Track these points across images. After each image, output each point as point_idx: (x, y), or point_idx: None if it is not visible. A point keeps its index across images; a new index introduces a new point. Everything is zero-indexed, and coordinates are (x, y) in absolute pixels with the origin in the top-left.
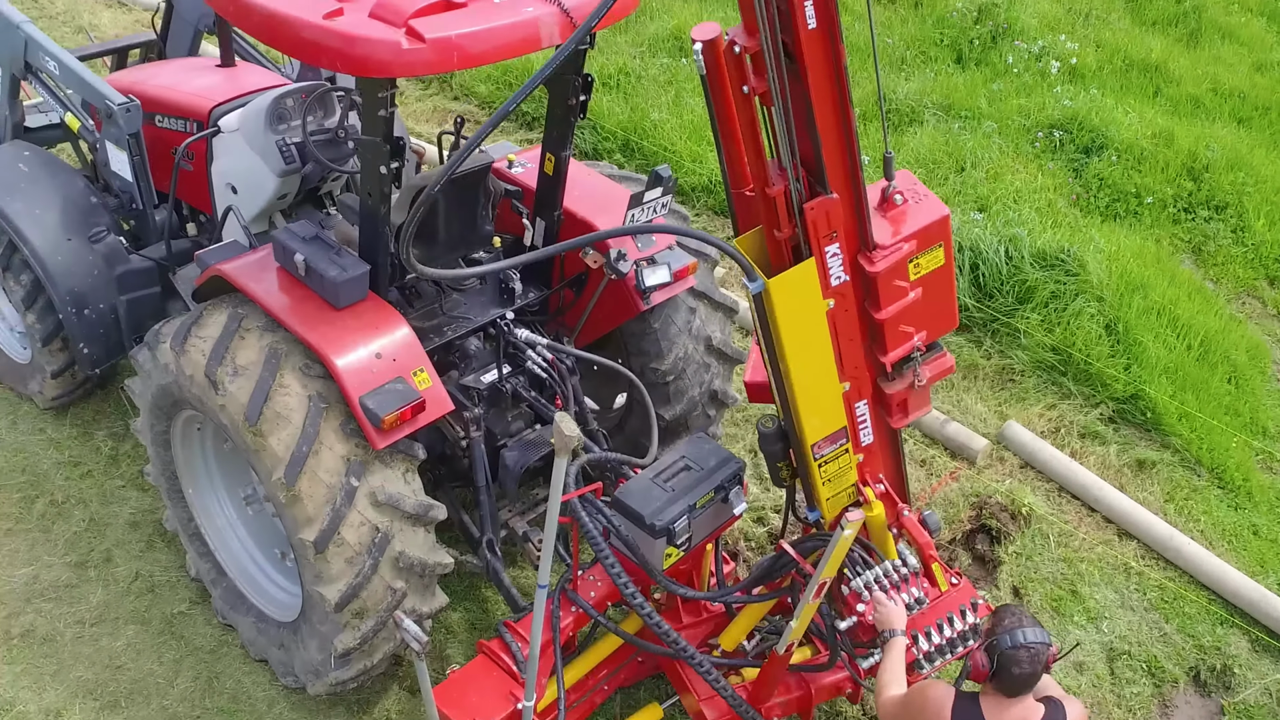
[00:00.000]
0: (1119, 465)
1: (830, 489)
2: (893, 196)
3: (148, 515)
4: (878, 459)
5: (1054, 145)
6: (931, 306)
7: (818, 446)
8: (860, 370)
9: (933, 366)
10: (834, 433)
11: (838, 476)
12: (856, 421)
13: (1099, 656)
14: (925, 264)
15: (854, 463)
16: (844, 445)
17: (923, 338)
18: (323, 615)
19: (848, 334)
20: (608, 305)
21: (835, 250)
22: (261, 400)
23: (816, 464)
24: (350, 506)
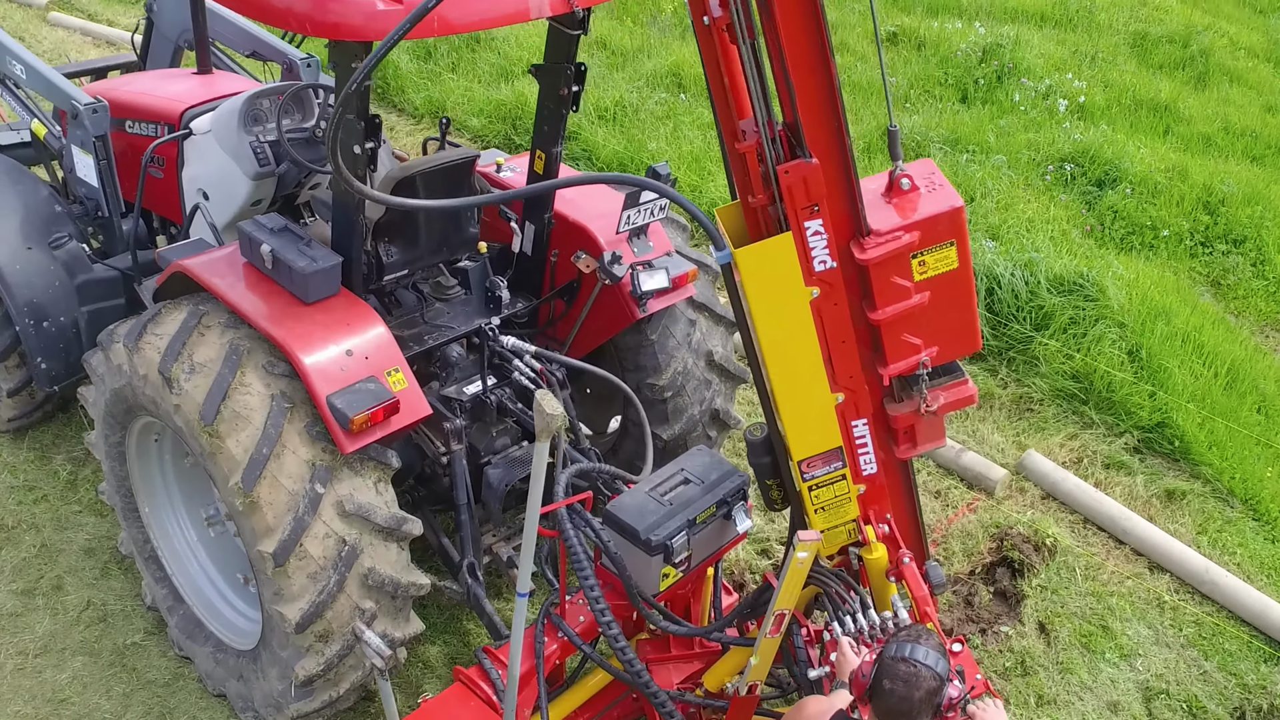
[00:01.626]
0: (1147, 496)
1: (825, 520)
2: (899, 180)
3: (104, 541)
4: (884, 495)
5: (1065, 178)
6: (943, 318)
7: (807, 466)
8: (857, 382)
9: (949, 393)
10: (826, 452)
11: (834, 507)
12: (855, 443)
13: (1134, 696)
14: (933, 264)
15: (853, 494)
16: (840, 470)
17: (932, 354)
18: (283, 639)
19: (838, 334)
20: (601, 314)
21: (818, 228)
22: (219, 398)
23: (807, 486)
24: (314, 516)
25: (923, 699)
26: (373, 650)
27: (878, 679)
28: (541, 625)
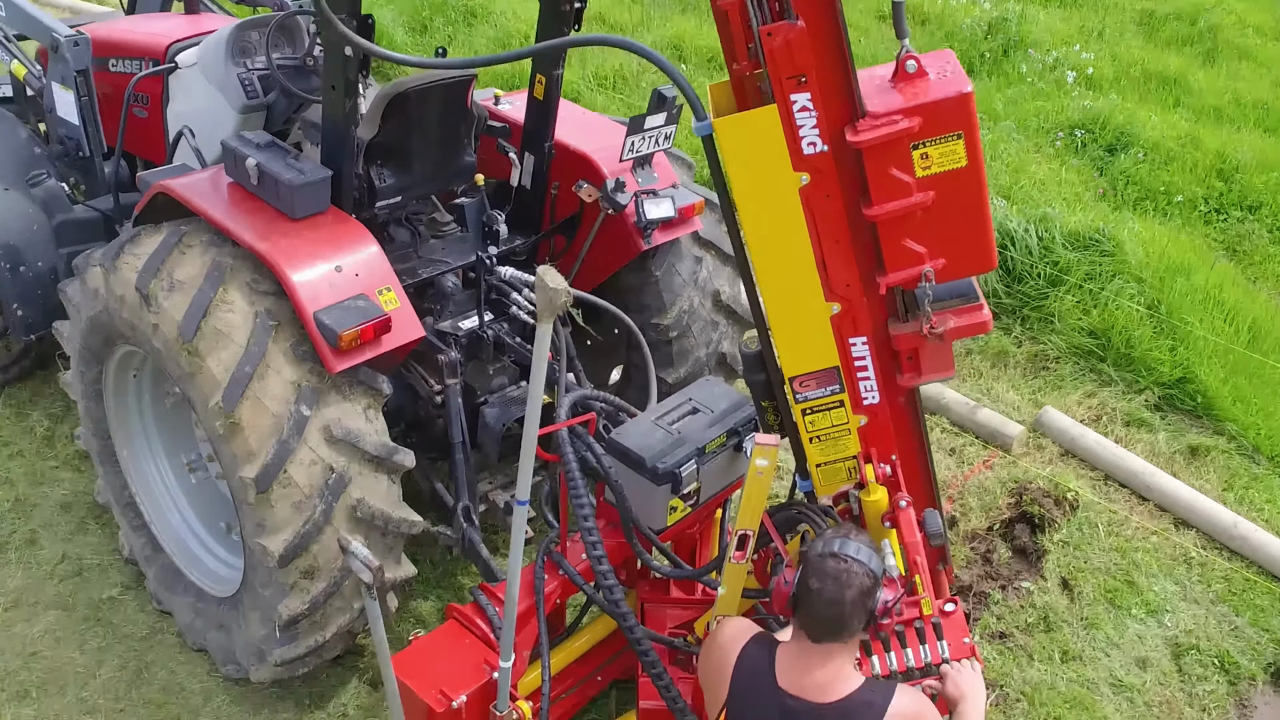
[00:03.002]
0: (1169, 453)
1: (822, 452)
2: (904, 62)
3: (81, 497)
4: (887, 431)
5: (1076, 145)
6: (950, 225)
7: (800, 385)
8: (854, 293)
9: (960, 317)
10: (820, 372)
11: (831, 439)
12: (854, 365)
13: (1163, 652)
14: (937, 158)
15: (853, 426)
16: (837, 395)
17: (938, 267)
18: (266, 576)
19: (832, 232)
20: (604, 246)
21: (806, 104)
22: (199, 315)
23: (800, 410)
24: (300, 440)
25: (854, 600)
26: (360, 562)
27: (803, 581)
28: (541, 563)
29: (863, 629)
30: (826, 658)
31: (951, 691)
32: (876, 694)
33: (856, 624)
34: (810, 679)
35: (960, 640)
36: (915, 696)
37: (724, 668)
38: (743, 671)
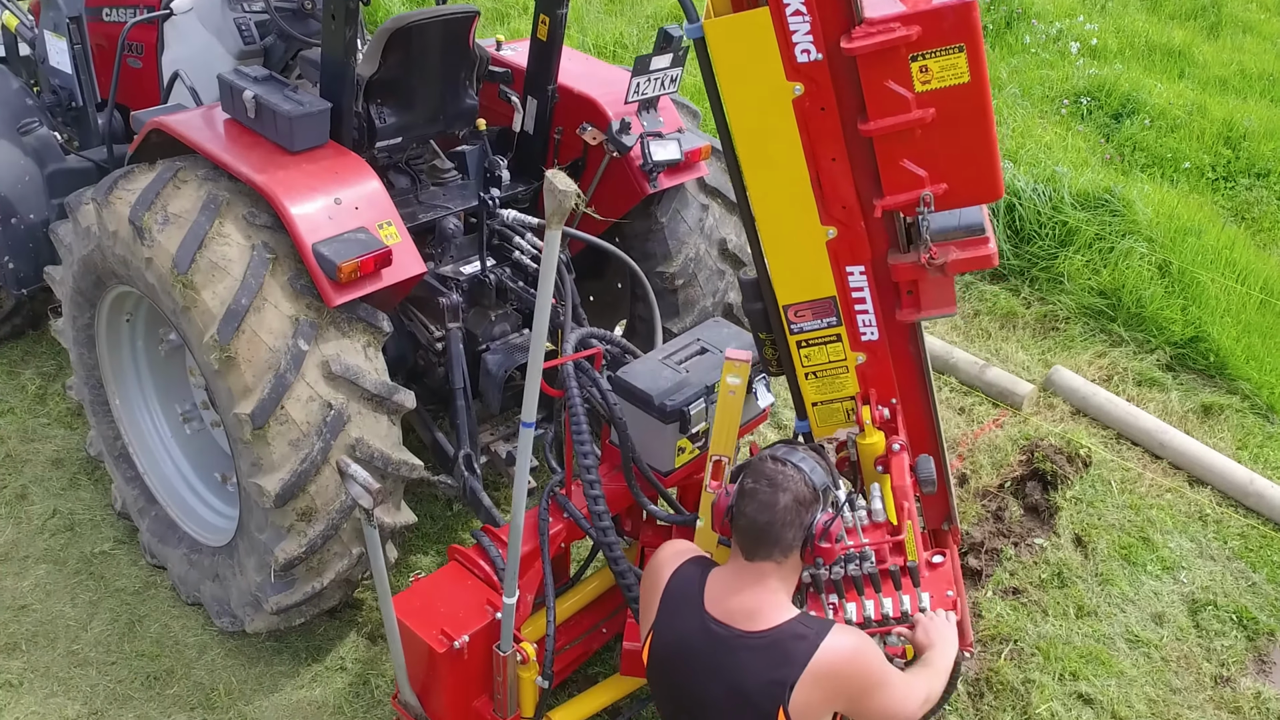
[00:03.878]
0: (1182, 411)
1: (818, 390)
2: None
3: (73, 453)
4: (887, 372)
5: (1082, 112)
6: (952, 147)
7: (795, 315)
8: (851, 216)
9: (964, 249)
10: (816, 301)
11: (828, 376)
12: (851, 296)
13: (1180, 608)
14: (938, 72)
15: (851, 364)
16: (834, 329)
17: (939, 192)
18: (261, 519)
19: (827, 149)
20: (609, 190)
21: (799, 6)
22: (195, 247)
23: (795, 342)
24: (297, 375)
25: (788, 508)
26: (359, 486)
27: (738, 486)
28: (545, 504)
29: (799, 549)
30: (758, 580)
31: (920, 639)
32: (810, 628)
33: (790, 538)
34: (739, 604)
35: (943, 592)
36: (854, 636)
37: (656, 588)
38: (672, 592)
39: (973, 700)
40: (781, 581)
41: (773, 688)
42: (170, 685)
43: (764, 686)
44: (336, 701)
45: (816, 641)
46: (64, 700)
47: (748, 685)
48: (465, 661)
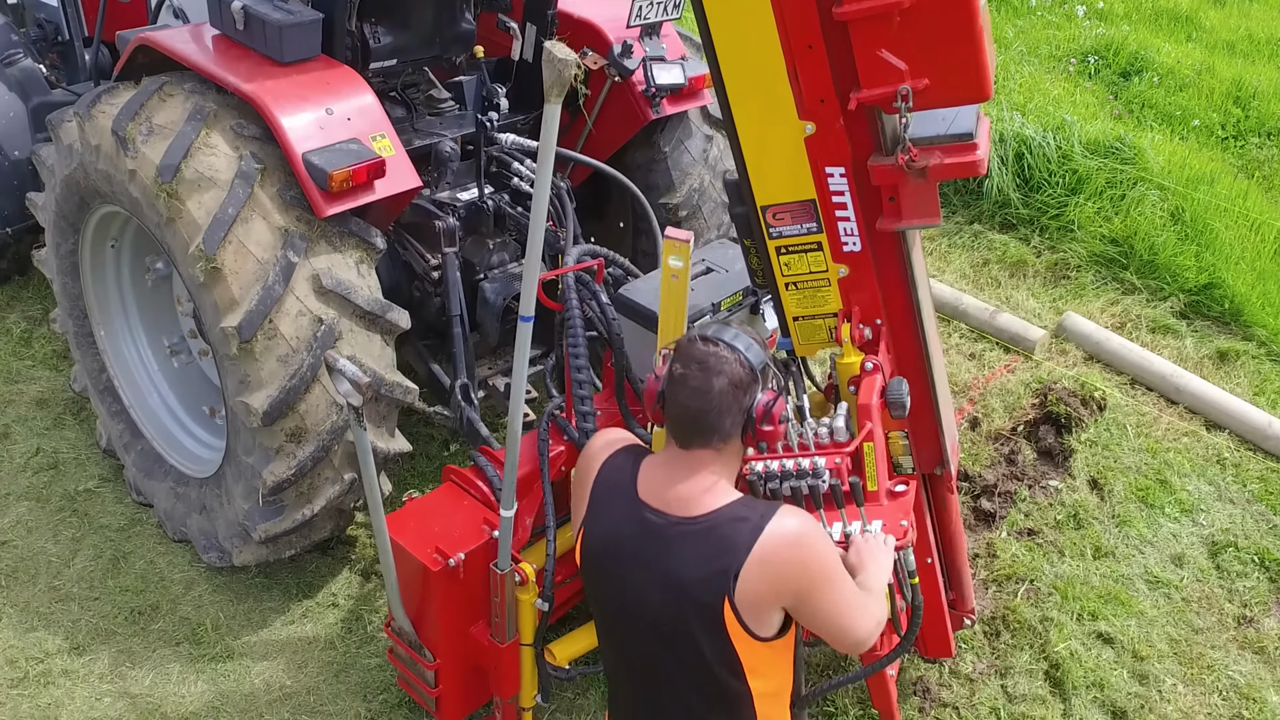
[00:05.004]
0: (1198, 357)
1: (799, 303)
2: None
3: (59, 394)
4: (871, 288)
5: (1090, 70)
6: (934, 39)
7: (774, 218)
8: (829, 111)
9: (949, 154)
10: (795, 204)
11: (809, 288)
12: (832, 201)
13: (1200, 550)
14: None
15: (833, 276)
16: (814, 234)
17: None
18: (249, 441)
19: (803, 36)
20: (611, 118)
21: None
22: (180, 155)
23: (775, 247)
24: (286, 288)
25: (724, 391)
26: (348, 382)
27: (669, 371)
28: (545, 427)
29: (739, 434)
30: (695, 467)
31: (851, 559)
32: (754, 510)
33: (728, 424)
34: (674, 491)
35: (897, 521)
36: (803, 518)
37: (586, 481)
38: (603, 481)
39: (989, 639)
40: (722, 467)
41: (716, 578)
42: (155, 620)
43: (706, 578)
44: (328, 636)
45: (761, 524)
46: (44, 634)
47: (687, 577)
48: (461, 582)
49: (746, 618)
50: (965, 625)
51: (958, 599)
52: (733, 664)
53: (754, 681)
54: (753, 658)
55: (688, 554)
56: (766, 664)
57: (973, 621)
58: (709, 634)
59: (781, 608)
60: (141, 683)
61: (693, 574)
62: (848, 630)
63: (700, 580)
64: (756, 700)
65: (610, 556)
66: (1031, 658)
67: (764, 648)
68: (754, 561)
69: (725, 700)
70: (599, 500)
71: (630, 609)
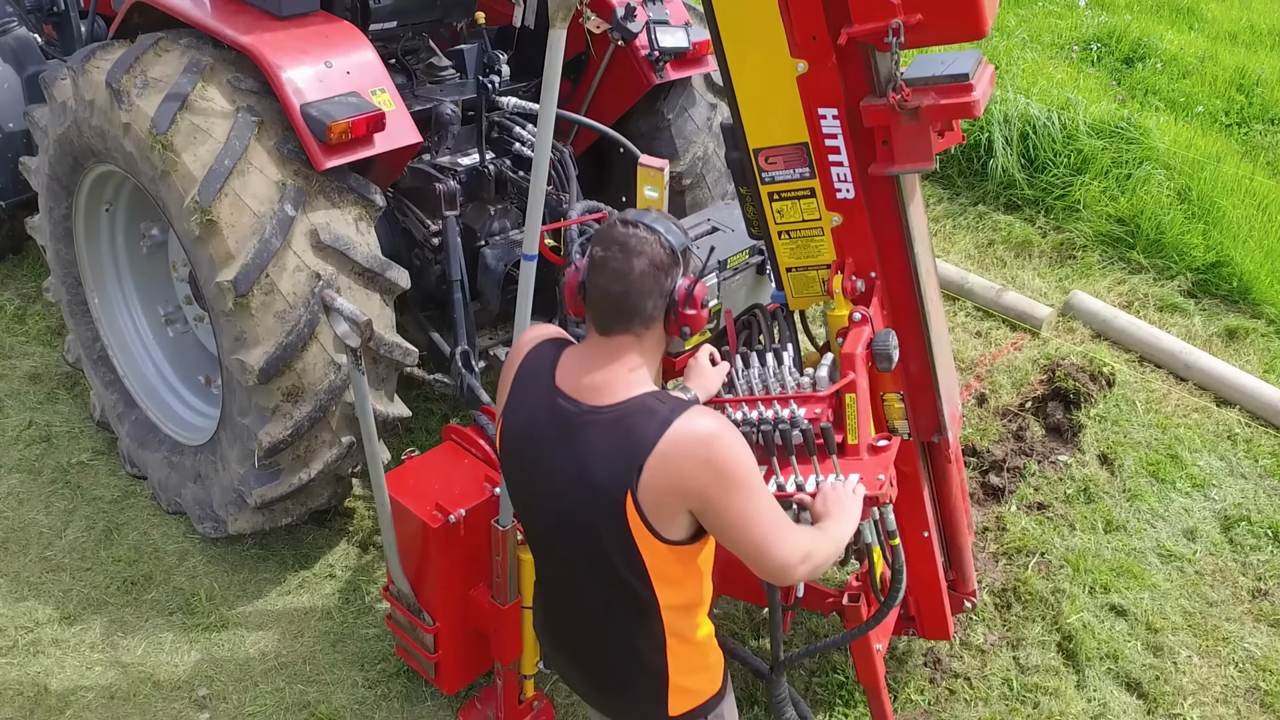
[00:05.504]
0: (1206, 335)
1: (792, 253)
2: None
3: (52, 369)
4: (866, 240)
5: (1092, 58)
6: None
7: (767, 162)
8: (821, 49)
9: (943, 95)
10: (788, 147)
11: (802, 238)
12: (825, 145)
13: (1212, 524)
14: None
15: (826, 225)
16: (807, 180)
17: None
18: (245, 402)
19: None
20: (613, 83)
21: None
22: (175, 107)
23: (767, 193)
24: (283, 241)
25: (644, 272)
26: (345, 321)
27: (589, 257)
28: None
29: (661, 319)
30: (615, 355)
31: (818, 507)
32: (666, 404)
33: (649, 306)
34: (590, 379)
35: (874, 475)
36: (717, 420)
37: (511, 369)
38: (524, 371)
39: (1000, 611)
40: (642, 357)
41: (619, 470)
42: (149, 590)
43: (611, 469)
44: (325, 607)
45: (670, 418)
46: (34, 604)
47: (595, 468)
48: (462, 540)
49: (650, 515)
50: (966, 608)
51: (958, 579)
52: (636, 565)
53: (661, 589)
54: (658, 561)
55: (595, 444)
56: (674, 571)
57: (973, 604)
58: (612, 529)
59: (687, 510)
60: (134, 652)
61: (598, 464)
62: (761, 549)
63: (605, 471)
64: (664, 611)
65: (525, 447)
66: (1044, 629)
67: (669, 552)
68: (658, 455)
69: (634, 607)
70: (518, 390)
71: (542, 501)
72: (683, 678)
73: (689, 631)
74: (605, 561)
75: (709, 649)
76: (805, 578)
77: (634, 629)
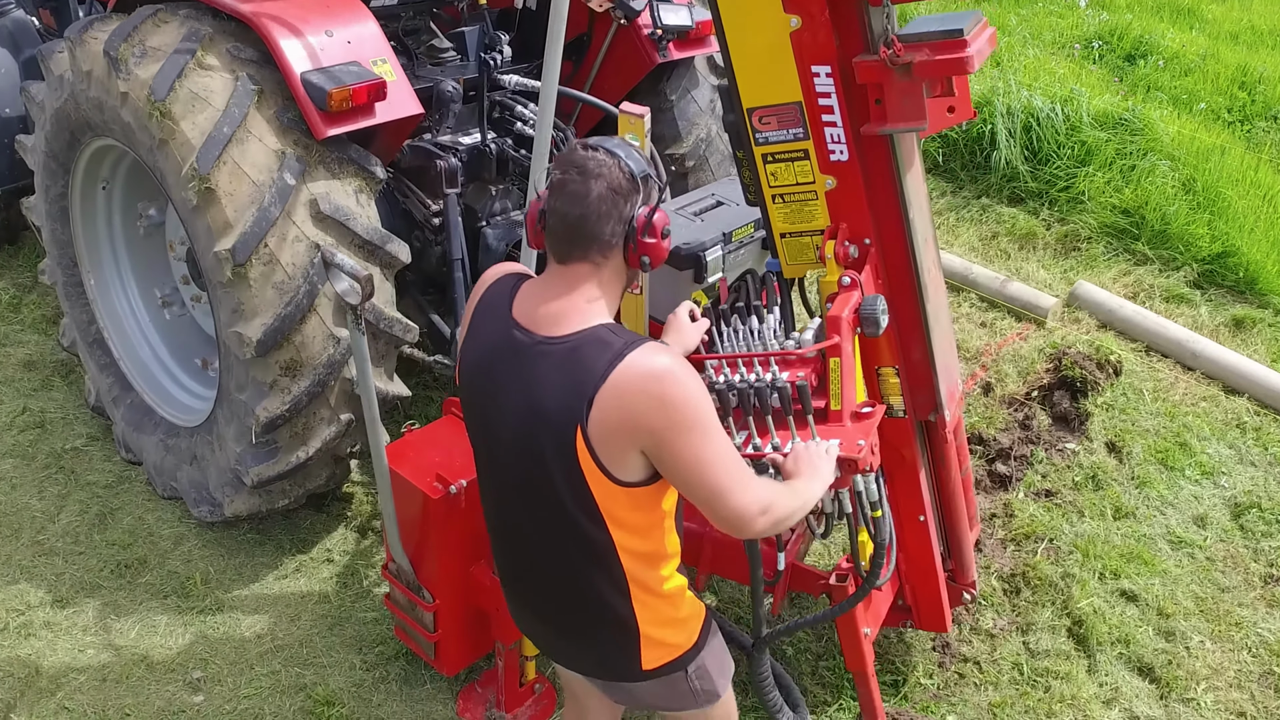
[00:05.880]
0: (1213, 325)
1: (785, 218)
2: None
3: (48, 357)
4: (860, 204)
5: (1094, 56)
6: None
7: (760, 122)
8: (815, 3)
9: (937, 50)
10: (782, 106)
11: (796, 202)
12: (818, 104)
13: (1222, 511)
14: None
15: (820, 188)
16: (800, 141)
17: None
18: (242, 376)
19: None
20: (616, 63)
21: None
22: (174, 75)
23: (761, 155)
24: (282, 210)
25: (602, 197)
26: (346, 278)
27: (549, 182)
28: None
29: (621, 248)
30: (572, 284)
31: (788, 466)
32: (620, 337)
33: (608, 233)
34: (546, 309)
35: (854, 440)
36: (673, 357)
37: (472, 304)
38: (484, 303)
39: (1008, 596)
40: (600, 288)
41: (569, 402)
42: (143, 574)
43: (561, 401)
44: (323, 591)
45: (624, 351)
46: (27, 587)
47: (545, 400)
48: (462, 512)
49: (600, 452)
50: (965, 600)
51: (957, 569)
52: (588, 505)
53: (617, 532)
54: (612, 504)
55: (546, 375)
56: (629, 514)
57: (973, 596)
58: (561, 465)
59: (639, 449)
60: (127, 635)
61: (548, 397)
62: (717, 495)
63: (554, 404)
64: (623, 556)
65: (480, 378)
66: (1054, 614)
67: (623, 495)
68: (609, 389)
69: (590, 551)
70: (476, 323)
71: (495, 436)
72: (654, 630)
73: (654, 583)
74: (557, 501)
75: (681, 602)
76: (766, 531)
77: (594, 574)
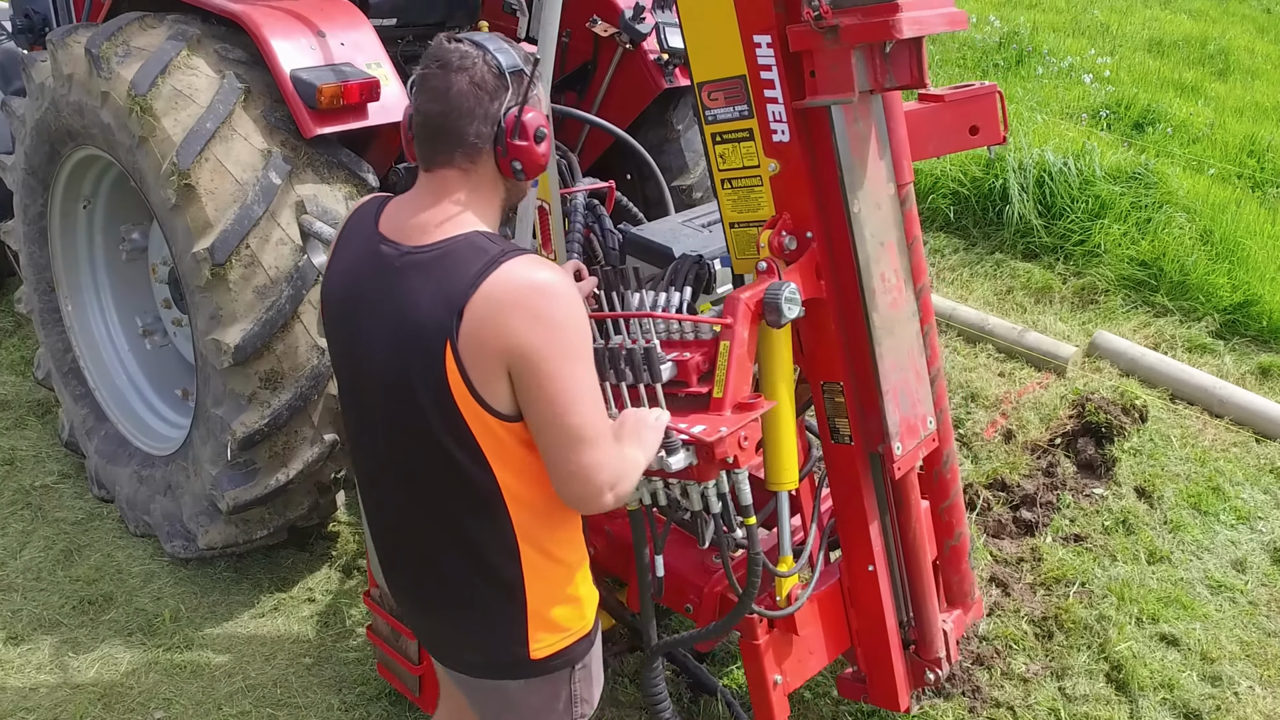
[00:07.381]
0: (1239, 374)
1: (733, 205)
2: None
3: (23, 397)
4: (804, 195)
5: (1103, 125)
6: None
7: (710, 99)
8: None
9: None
10: (727, 81)
11: (743, 188)
12: (760, 77)
13: (1262, 556)
14: None
15: (765, 172)
16: (745, 119)
17: None
18: (220, 387)
19: None
20: (622, 90)
21: None
22: (157, 71)
23: (710, 134)
24: (266, 211)
25: (464, 93)
26: (324, 248)
27: (411, 80)
28: None
29: (490, 150)
30: (440, 192)
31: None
32: (498, 244)
33: (473, 133)
34: (415, 219)
35: (717, 428)
36: (556, 272)
37: (338, 232)
38: (349, 227)
39: (1040, 640)
40: (470, 194)
41: (439, 313)
42: (107, 611)
43: (429, 313)
44: (301, 629)
45: (502, 259)
46: None
47: (412, 314)
48: None
49: (471, 372)
50: (928, 680)
51: (920, 641)
52: (463, 438)
53: (503, 474)
54: (491, 440)
55: (417, 288)
56: (514, 456)
57: (938, 676)
58: (430, 388)
59: (507, 371)
60: (85, 673)
61: (416, 310)
62: (575, 441)
63: (422, 316)
64: (511, 505)
65: (343, 299)
66: (1090, 658)
67: (502, 429)
68: (481, 297)
69: (472, 496)
70: (340, 247)
71: (359, 368)
72: (545, 606)
73: (550, 545)
74: (429, 433)
75: (579, 577)
76: (607, 507)
77: (477, 527)
